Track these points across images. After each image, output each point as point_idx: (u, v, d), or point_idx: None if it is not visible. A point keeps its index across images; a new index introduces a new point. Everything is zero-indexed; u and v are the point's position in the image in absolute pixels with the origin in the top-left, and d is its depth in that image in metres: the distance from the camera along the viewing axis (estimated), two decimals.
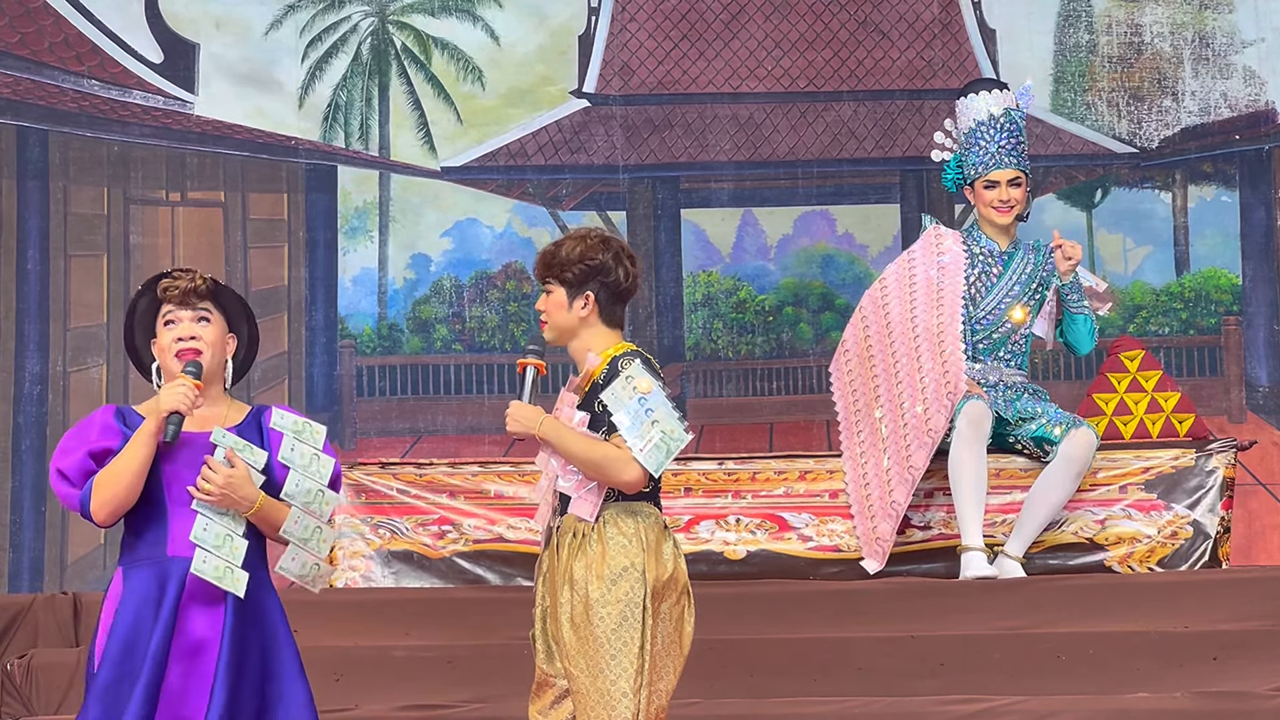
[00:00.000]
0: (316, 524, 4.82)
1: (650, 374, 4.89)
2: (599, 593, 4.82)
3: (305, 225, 9.35)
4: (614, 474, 4.85)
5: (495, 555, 7.10)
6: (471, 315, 9.31)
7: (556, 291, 5.04)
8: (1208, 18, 9.34)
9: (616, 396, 4.86)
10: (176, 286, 4.90)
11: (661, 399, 4.87)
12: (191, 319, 4.90)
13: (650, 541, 4.88)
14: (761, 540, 7.13)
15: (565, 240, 5.09)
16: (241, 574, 4.71)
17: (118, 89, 9.31)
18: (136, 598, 4.74)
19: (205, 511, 4.74)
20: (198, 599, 4.71)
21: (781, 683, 6.34)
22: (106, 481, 4.75)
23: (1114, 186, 9.35)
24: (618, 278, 5.03)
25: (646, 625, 4.81)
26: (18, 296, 9.15)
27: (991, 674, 6.34)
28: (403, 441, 9.18)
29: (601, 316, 5.04)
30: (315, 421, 4.92)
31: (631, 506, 4.92)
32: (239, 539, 4.74)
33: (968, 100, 7.34)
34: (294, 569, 4.80)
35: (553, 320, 5.05)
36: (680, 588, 4.93)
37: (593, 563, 4.86)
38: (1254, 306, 9.20)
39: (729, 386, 9.25)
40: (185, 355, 4.85)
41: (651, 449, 4.83)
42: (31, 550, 9.00)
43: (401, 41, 9.46)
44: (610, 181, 9.37)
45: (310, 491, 4.81)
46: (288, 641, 4.80)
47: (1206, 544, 7.07)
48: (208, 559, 4.69)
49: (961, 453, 6.87)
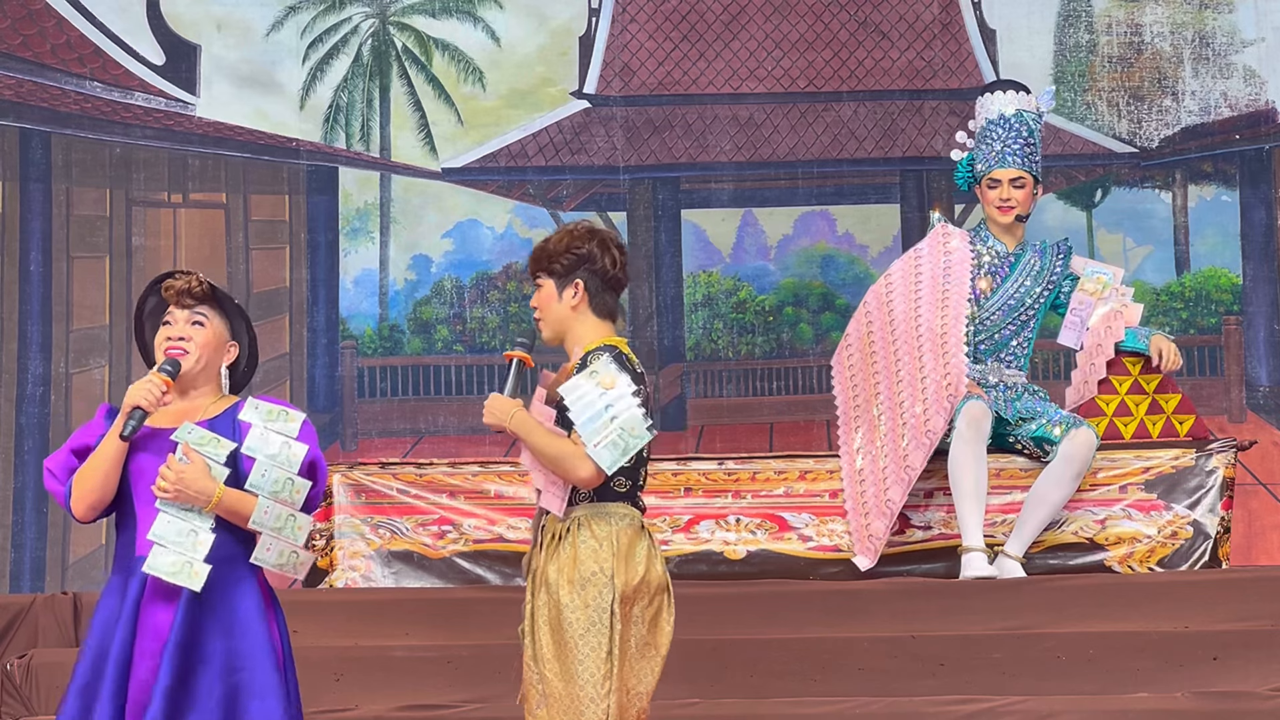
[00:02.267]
0: (288, 512, 4.82)
1: (620, 369, 4.88)
2: (568, 597, 4.84)
3: (306, 226, 9.36)
4: (569, 470, 4.85)
5: (495, 555, 7.10)
6: (472, 316, 9.31)
7: (547, 284, 5.06)
8: (1208, 17, 9.34)
9: (575, 391, 4.87)
10: (174, 287, 4.93)
11: (625, 394, 4.85)
12: (186, 320, 4.92)
13: (621, 545, 4.88)
14: (761, 540, 7.13)
15: (552, 234, 5.12)
16: (201, 569, 4.72)
17: (120, 91, 9.32)
18: (110, 597, 4.79)
19: (167, 508, 4.76)
20: (160, 595, 4.73)
21: (781, 683, 6.34)
22: (81, 477, 4.80)
23: (1114, 186, 9.35)
24: (604, 265, 5.04)
25: (615, 630, 4.82)
26: (20, 298, 9.16)
27: (991, 674, 6.34)
28: (404, 442, 9.18)
29: (592, 306, 5.05)
30: (294, 409, 4.91)
31: (606, 508, 4.93)
32: (204, 534, 4.75)
33: (984, 99, 7.35)
34: (270, 558, 4.81)
35: (546, 314, 5.07)
36: (655, 589, 4.92)
37: (564, 566, 4.87)
38: (1254, 306, 9.20)
39: (729, 387, 9.25)
40: (169, 354, 4.88)
41: (606, 445, 4.81)
42: (33, 550, 9.01)
43: (402, 43, 9.46)
44: (611, 182, 9.37)
45: (279, 480, 4.81)
46: (260, 635, 4.78)
47: (1206, 544, 7.07)
48: (163, 555, 4.71)
49: (961, 453, 6.87)
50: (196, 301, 4.92)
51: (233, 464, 4.81)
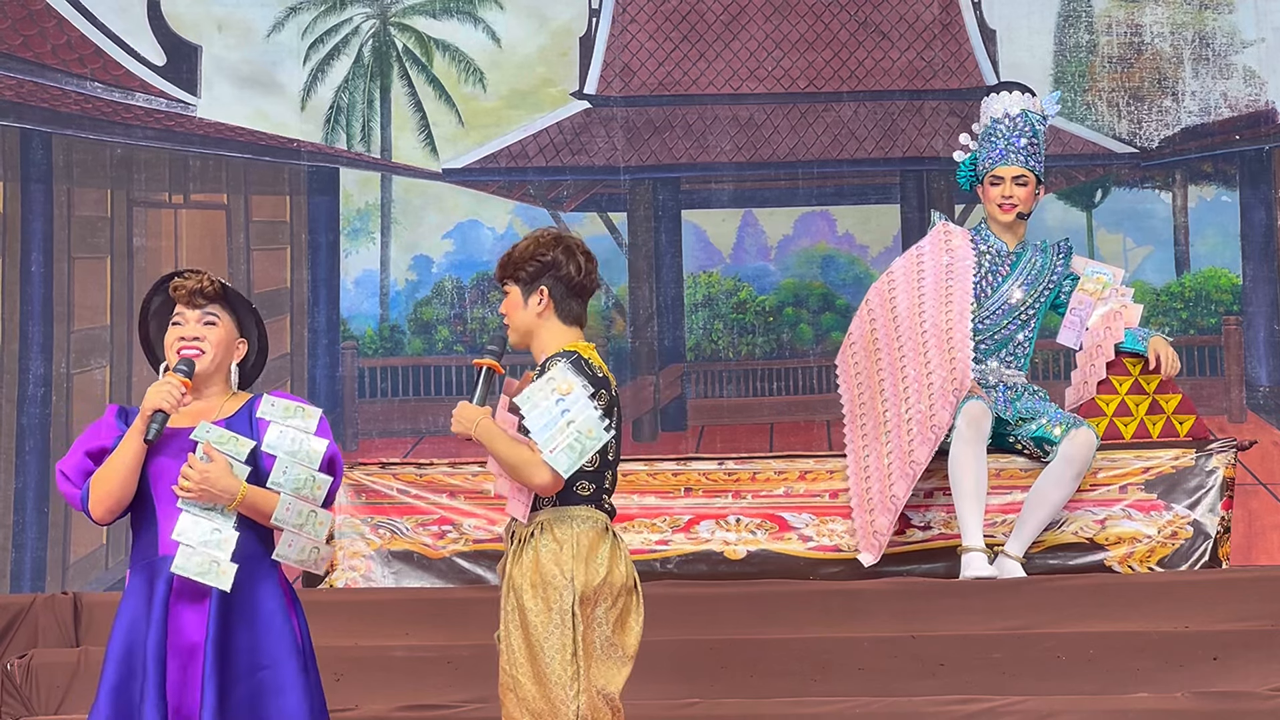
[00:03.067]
0: (310, 508, 4.84)
1: (576, 374, 4.89)
2: (530, 600, 4.87)
3: (307, 227, 9.37)
4: (528, 477, 4.87)
5: (495, 555, 7.06)
6: (473, 316, 9.32)
7: (513, 291, 5.09)
8: (1208, 18, 9.34)
9: (530, 399, 4.89)
10: (185, 287, 4.94)
11: (581, 398, 4.86)
12: (198, 320, 4.93)
13: (582, 547, 4.90)
14: (761, 540, 7.13)
15: (519, 241, 5.14)
16: (228, 568, 4.72)
17: (120, 91, 9.33)
18: (134, 598, 4.79)
19: (189, 508, 4.76)
20: (186, 596, 4.73)
21: (781, 683, 6.34)
22: (100, 480, 4.80)
23: (1114, 186, 9.35)
24: (569, 272, 5.06)
25: (577, 631, 4.84)
26: (21, 299, 9.16)
27: (991, 674, 6.34)
28: (404, 442, 9.19)
29: (558, 312, 5.07)
30: (310, 405, 4.92)
31: (569, 512, 4.95)
32: (228, 532, 4.75)
33: (989, 99, 7.36)
34: (292, 555, 4.82)
35: (513, 320, 5.10)
36: (619, 590, 4.94)
37: (526, 570, 4.90)
38: (1254, 306, 9.20)
39: (729, 387, 9.25)
40: (185, 355, 4.88)
41: (563, 450, 4.83)
42: (34, 550, 9.01)
43: (403, 43, 9.47)
44: (611, 183, 9.37)
45: (299, 477, 4.83)
46: (284, 634, 4.80)
47: (1206, 544, 7.07)
48: (190, 556, 4.72)
49: (961, 453, 6.87)
50: (208, 301, 4.93)
51: (253, 462, 4.82)
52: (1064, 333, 7.37)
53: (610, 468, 5.03)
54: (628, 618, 4.97)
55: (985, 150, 7.31)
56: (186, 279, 4.95)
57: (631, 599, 4.98)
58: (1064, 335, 7.37)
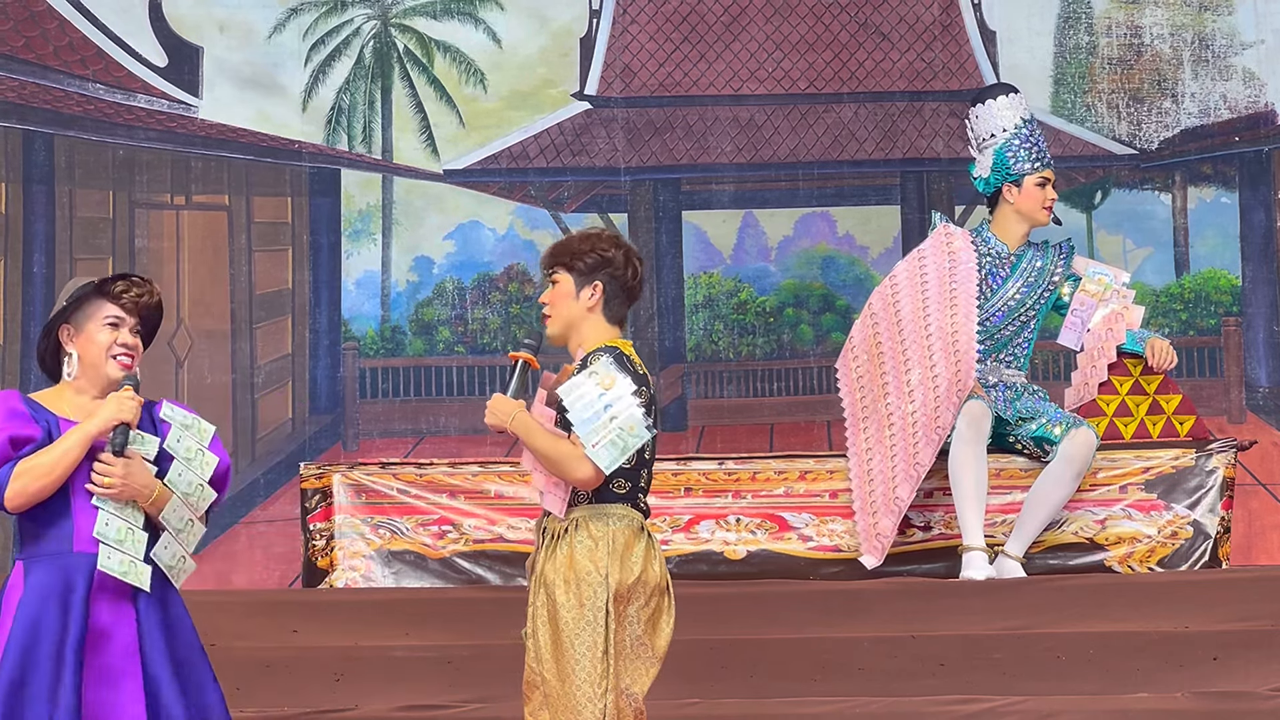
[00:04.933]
0: (190, 517, 4.88)
1: (620, 370, 4.88)
2: (563, 596, 4.85)
3: (309, 228, 9.38)
4: (568, 471, 4.85)
5: (495, 555, 7.11)
6: (474, 317, 9.32)
7: (564, 281, 5.06)
8: (1207, 19, 9.35)
9: (574, 392, 4.87)
10: (133, 296, 4.95)
11: (625, 394, 4.85)
12: (132, 329, 4.96)
13: (617, 545, 4.88)
14: (761, 540, 7.13)
15: (576, 234, 5.13)
16: (144, 568, 4.77)
17: (122, 93, 9.33)
18: (39, 593, 4.76)
19: (105, 506, 4.79)
20: (106, 593, 4.76)
21: (781, 683, 6.34)
22: (32, 473, 4.77)
23: (1114, 188, 9.35)
24: (625, 274, 5.06)
25: (610, 629, 4.82)
26: (24, 300, 9.17)
27: (991, 674, 6.34)
28: (405, 442, 9.20)
29: (605, 310, 5.05)
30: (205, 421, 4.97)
31: (605, 509, 4.93)
32: (139, 532, 4.80)
33: (1010, 99, 7.28)
34: (164, 557, 4.84)
35: (557, 311, 5.06)
36: (653, 589, 4.92)
37: (560, 566, 4.88)
38: (1254, 307, 9.20)
39: (730, 387, 9.26)
40: (123, 363, 4.91)
41: (605, 445, 4.82)
42: None
43: (404, 44, 9.48)
44: (612, 184, 9.38)
45: (191, 484, 4.88)
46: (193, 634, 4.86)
47: (1206, 544, 7.07)
48: (112, 555, 4.75)
49: (962, 453, 6.87)
50: (146, 314, 4.98)
51: (157, 461, 4.87)
52: (1065, 334, 7.37)
53: (646, 466, 5.00)
54: (659, 618, 4.95)
55: (1025, 152, 7.22)
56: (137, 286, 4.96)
57: (664, 599, 4.96)
58: (1065, 336, 7.37)
